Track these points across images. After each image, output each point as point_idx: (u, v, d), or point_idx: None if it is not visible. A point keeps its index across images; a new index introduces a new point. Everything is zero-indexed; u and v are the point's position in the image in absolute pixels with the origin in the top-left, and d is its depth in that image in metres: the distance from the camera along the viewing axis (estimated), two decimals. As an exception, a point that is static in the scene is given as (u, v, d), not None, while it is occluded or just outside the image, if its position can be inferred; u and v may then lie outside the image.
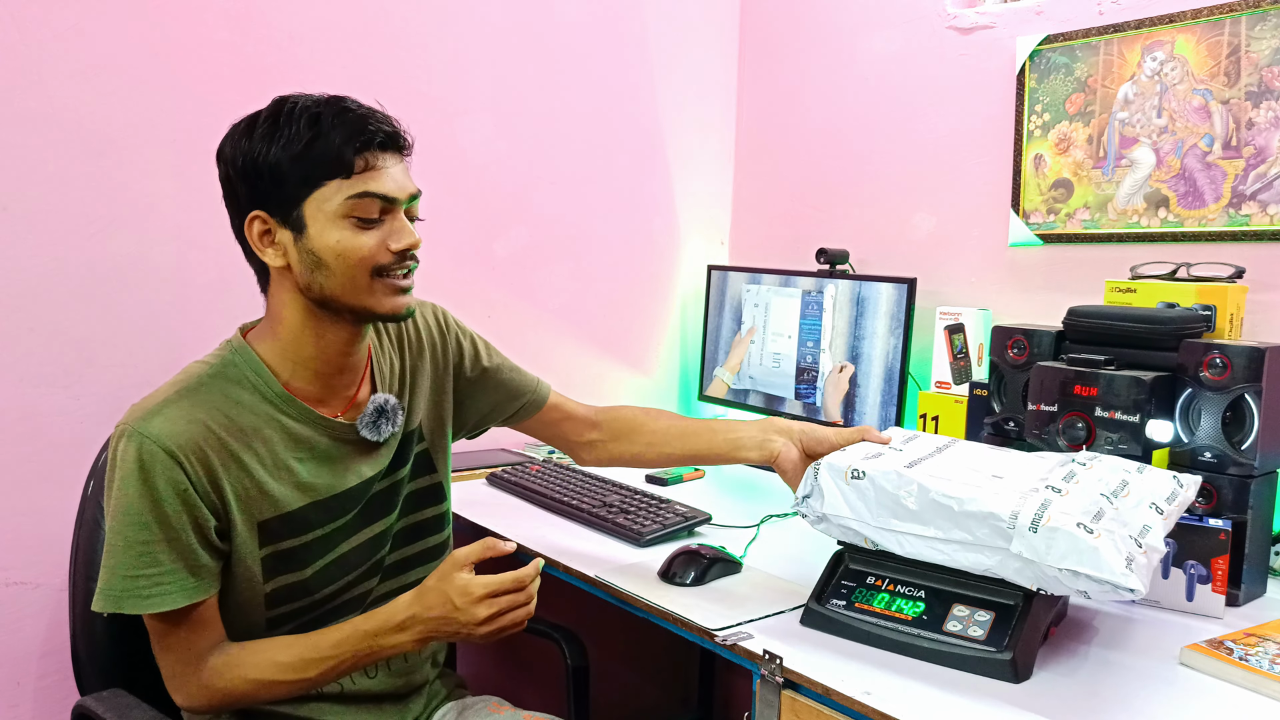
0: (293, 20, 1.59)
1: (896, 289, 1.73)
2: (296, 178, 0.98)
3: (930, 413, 1.65)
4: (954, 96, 1.82)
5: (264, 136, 0.99)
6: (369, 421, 1.12)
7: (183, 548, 0.99)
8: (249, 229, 1.02)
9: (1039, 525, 0.95)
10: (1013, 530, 0.96)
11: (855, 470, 1.07)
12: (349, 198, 0.99)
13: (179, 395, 1.02)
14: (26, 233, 1.38)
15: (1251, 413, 1.18)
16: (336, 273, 1.01)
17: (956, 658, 0.99)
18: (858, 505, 1.07)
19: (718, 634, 1.08)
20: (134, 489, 0.98)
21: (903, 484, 1.04)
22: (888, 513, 1.05)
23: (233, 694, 1.04)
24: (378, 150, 1.01)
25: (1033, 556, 0.95)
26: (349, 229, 1.00)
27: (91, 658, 1.16)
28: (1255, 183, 1.44)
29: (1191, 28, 1.50)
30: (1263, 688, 0.96)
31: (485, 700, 1.26)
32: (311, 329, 1.05)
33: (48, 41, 1.38)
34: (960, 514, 1.00)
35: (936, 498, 1.02)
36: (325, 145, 0.98)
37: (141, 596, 0.99)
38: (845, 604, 1.08)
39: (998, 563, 0.99)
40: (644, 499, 1.52)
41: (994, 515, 0.98)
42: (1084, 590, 0.95)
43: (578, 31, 1.97)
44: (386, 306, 1.04)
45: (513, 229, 1.92)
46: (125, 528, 0.98)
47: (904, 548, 1.05)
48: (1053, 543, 0.94)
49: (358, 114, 1.00)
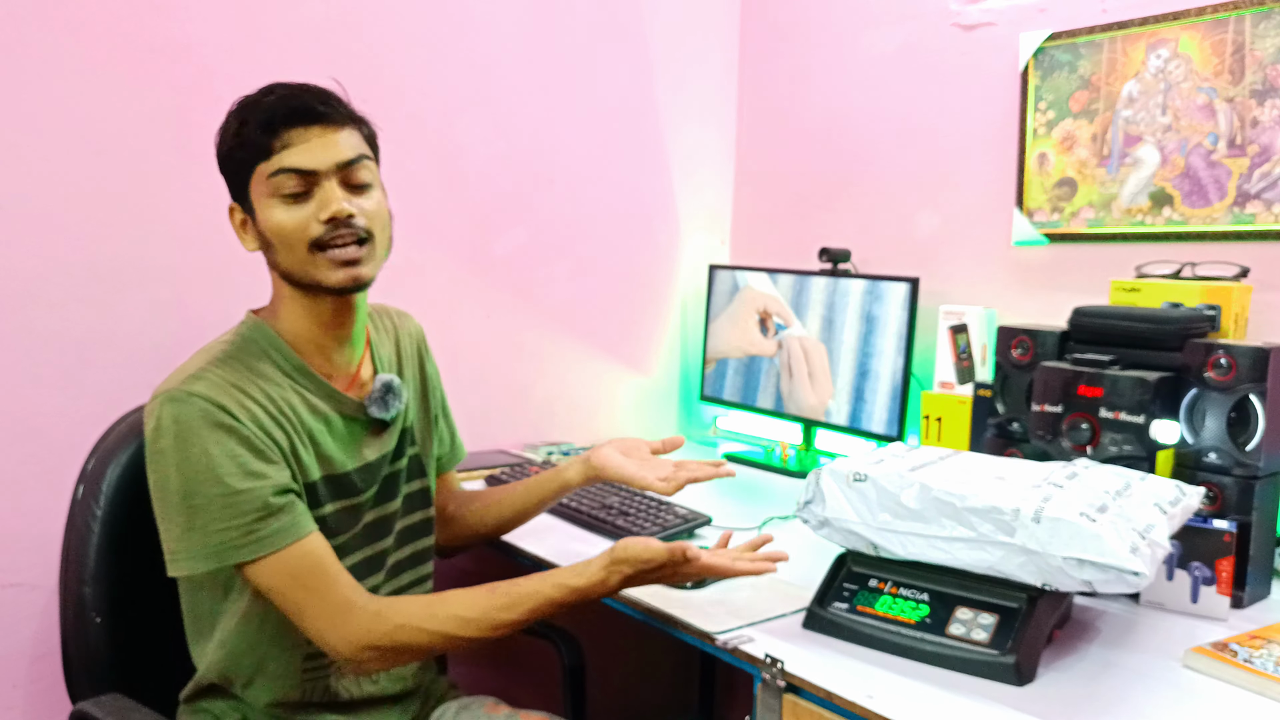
0: (292, 20, 1.58)
1: (899, 288, 1.72)
2: (236, 167, 1.05)
3: (934, 413, 1.64)
4: (957, 94, 1.81)
5: (222, 133, 1.06)
6: (378, 397, 1.14)
7: (269, 488, 0.99)
8: (231, 218, 1.09)
9: (1042, 516, 0.96)
10: (1015, 523, 0.97)
11: (857, 474, 1.08)
12: (268, 176, 1.03)
13: (211, 365, 1.03)
14: (26, 233, 1.38)
15: (1256, 413, 1.18)
16: (281, 250, 1.05)
17: (960, 661, 0.98)
18: (860, 507, 1.07)
19: (719, 637, 1.07)
20: (197, 446, 0.97)
21: (904, 484, 1.05)
22: (889, 513, 1.05)
23: (407, 647, 1.02)
24: (298, 126, 1.03)
25: (1037, 547, 0.95)
26: (279, 206, 1.04)
27: (84, 662, 1.14)
28: (1260, 181, 1.43)
29: (1196, 25, 1.49)
30: (1267, 690, 0.95)
31: (481, 700, 1.26)
32: (298, 304, 1.09)
33: (48, 41, 1.37)
34: (963, 509, 1.00)
35: (939, 495, 1.02)
36: (246, 132, 1.03)
37: (239, 546, 0.97)
38: (847, 607, 1.08)
39: (1001, 558, 0.99)
40: (644, 501, 1.52)
41: (997, 509, 0.98)
42: (1089, 580, 0.94)
43: (578, 31, 1.96)
44: (332, 280, 1.05)
45: (512, 229, 1.91)
46: (199, 485, 0.97)
47: (906, 549, 1.05)
48: (1056, 532, 0.95)
49: (277, 97, 1.04)
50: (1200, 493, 1.12)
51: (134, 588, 1.16)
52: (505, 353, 1.91)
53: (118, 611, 1.15)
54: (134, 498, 1.16)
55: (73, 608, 1.14)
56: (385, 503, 1.17)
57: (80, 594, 1.13)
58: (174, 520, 0.99)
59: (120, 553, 1.16)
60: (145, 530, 1.15)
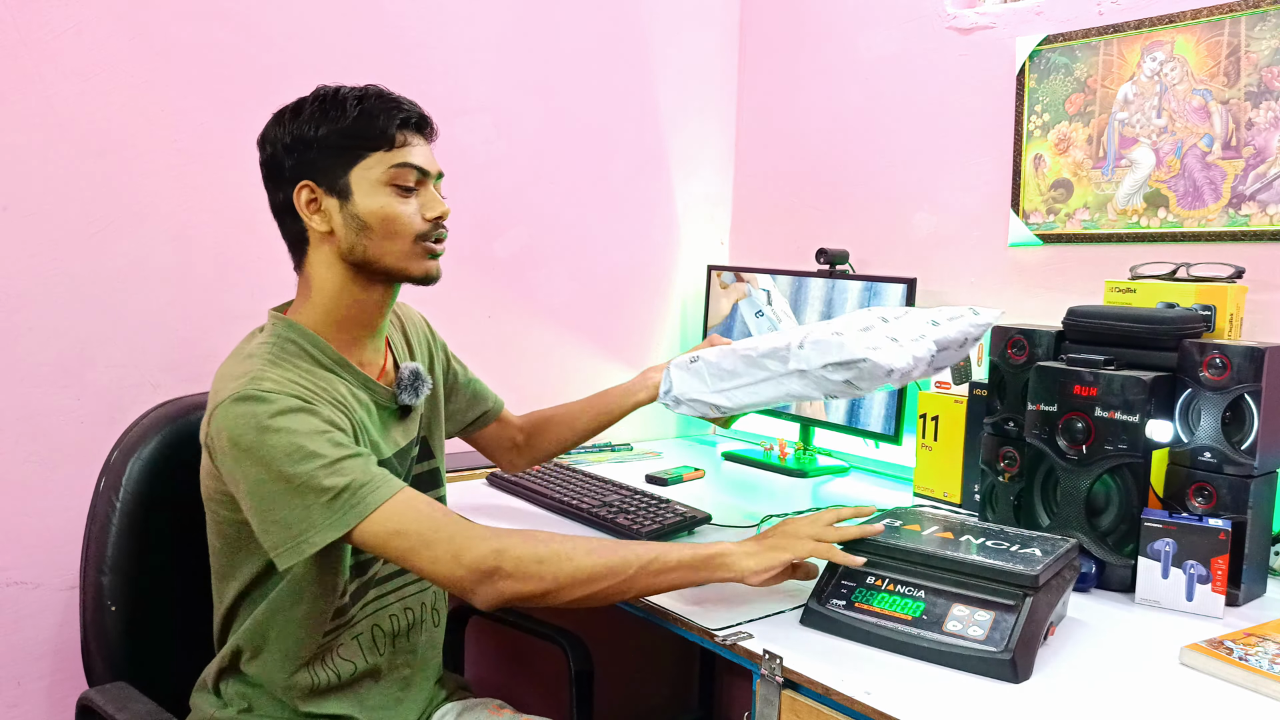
0: (291, 20, 1.59)
1: (897, 289, 1.73)
2: (344, 149, 1.09)
3: (930, 413, 1.65)
4: (954, 97, 1.82)
5: (313, 115, 1.09)
6: (409, 384, 1.19)
7: (358, 452, 1.02)
8: (297, 197, 1.10)
9: (805, 342, 1.21)
10: (789, 353, 1.22)
11: (692, 357, 1.34)
12: (391, 167, 1.10)
13: (265, 364, 1.05)
14: (26, 233, 1.38)
15: (1251, 413, 1.18)
16: (381, 236, 1.10)
17: (956, 657, 0.99)
18: (698, 380, 1.32)
19: (718, 634, 1.08)
20: (280, 433, 0.99)
21: (723, 356, 1.30)
22: (717, 379, 1.30)
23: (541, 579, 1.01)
24: (413, 129, 1.13)
25: (805, 366, 1.20)
26: (390, 195, 1.10)
27: (101, 652, 1.17)
28: (1255, 183, 1.44)
29: (1191, 28, 1.50)
30: (1262, 687, 0.96)
31: (486, 703, 1.26)
32: (349, 292, 1.12)
33: (48, 41, 1.38)
34: (758, 357, 1.26)
35: (743, 353, 1.28)
36: (369, 121, 1.09)
37: (355, 505, 0.99)
38: (845, 604, 1.08)
39: (789, 385, 1.23)
40: (644, 499, 1.52)
41: (776, 348, 1.24)
42: (848, 380, 1.17)
43: (578, 31, 1.97)
44: (419, 270, 1.13)
45: (513, 229, 1.92)
46: (296, 467, 0.98)
47: (735, 400, 1.28)
48: (816, 349, 1.20)
49: (395, 97, 1.13)
50: (996, 313, 1.28)
51: (150, 579, 1.20)
52: (506, 352, 1.91)
53: (133, 601, 1.18)
54: (153, 491, 1.20)
55: (90, 597, 1.17)
56: None
57: (101, 584, 1.16)
58: (283, 506, 0.99)
59: (138, 544, 1.19)
60: (162, 523, 1.21)
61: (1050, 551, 1.08)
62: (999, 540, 1.13)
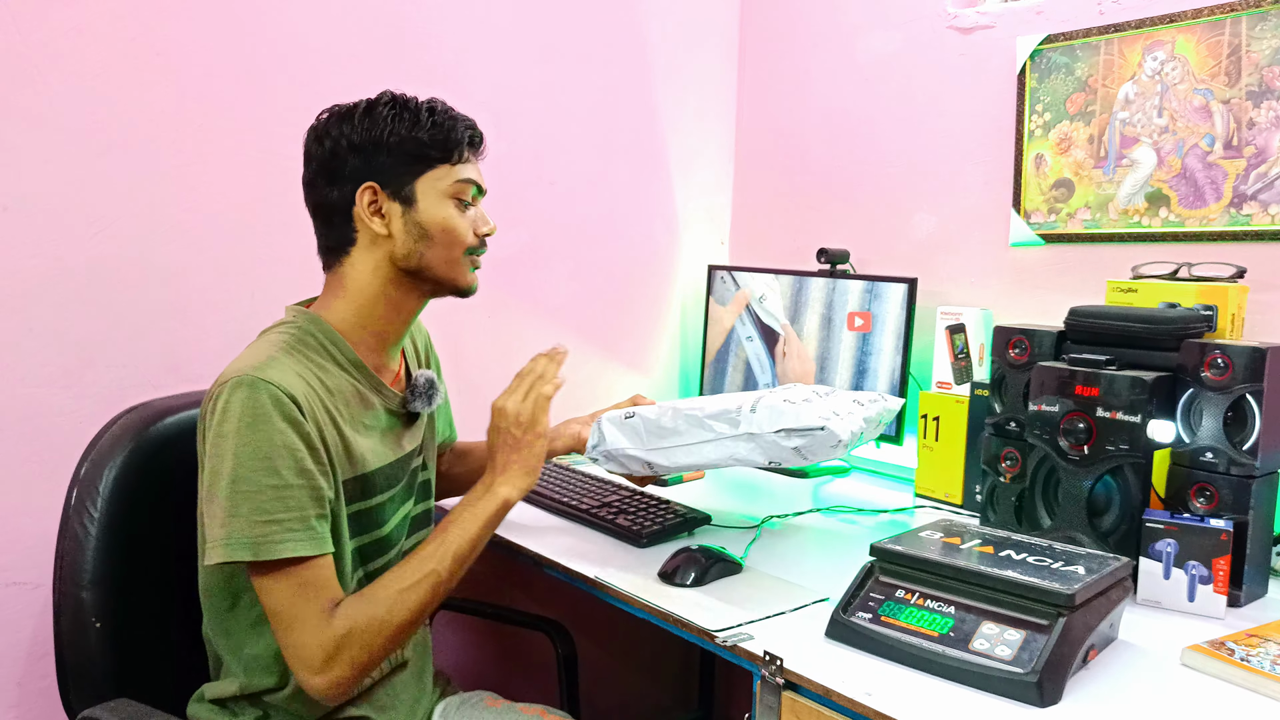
0: (291, 21, 1.59)
1: (898, 288, 1.73)
2: (416, 157, 1.11)
3: (931, 413, 1.64)
4: (954, 96, 1.82)
5: (387, 119, 1.10)
6: (422, 392, 1.21)
7: (314, 491, 1.01)
8: (360, 198, 1.11)
9: (757, 406, 1.25)
10: (739, 416, 1.26)
11: (628, 413, 1.36)
12: (456, 181, 1.14)
13: (280, 353, 1.05)
14: (26, 233, 1.38)
15: (1253, 413, 1.18)
16: (439, 245, 1.13)
17: (980, 677, 0.95)
18: (633, 437, 1.33)
19: (718, 635, 1.08)
20: (260, 433, 0.98)
21: (662, 413, 1.32)
22: (655, 437, 1.31)
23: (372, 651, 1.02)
24: (476, 151, 1.18)
25: (756, 430, 1.24)
26: (453, 208, 1.14)
27: (82, 669, 1.12)
28: (1256, 182, 1.44)
29: (1192, 27, 1.49)
30: (1264, 688, 0.96)
31: (480, 695, 1.26)
32: (390, 296, 1.14)
33: (48, 41, 1.37)
34: (704, 418, 1.29)
35: (686, 412, 1.30)
36: (442, 132, 1.12)
37: (277, 541, 0.98)
38: (871, 617, 1.05)
39: (735, 450, 1.26)
40: (644, 499, 1.52)
41: (726, 410, 1.27)
42: (798, 447, 1.22)
43: (578, 31, 1.97)
44: (465, 281, 1.18)
45: (513, 229, 1.92)
46: (253, 473, 0.98)
47: (673, 460, 1.30)
48: (768, 415, 1.24)
49: (458, 113, 1.16)
50: (900, 402, 1.41)
51: (134, 593, 1.15)
52: (506, 353, 1.91)
53: (118, 617, 1.13)
54: (133, 501, 1.16)
55: (69, 614, 1.11)
56: (405, 493, 1.21)
57: (78, 599, 1.11)
58: (219, 505, 0.99)
59: (120, 557, 1.14)
60: (146, 534, 1.16)
61: (1095, 570, 1.02)
62: (1042, 556, 1.07)
